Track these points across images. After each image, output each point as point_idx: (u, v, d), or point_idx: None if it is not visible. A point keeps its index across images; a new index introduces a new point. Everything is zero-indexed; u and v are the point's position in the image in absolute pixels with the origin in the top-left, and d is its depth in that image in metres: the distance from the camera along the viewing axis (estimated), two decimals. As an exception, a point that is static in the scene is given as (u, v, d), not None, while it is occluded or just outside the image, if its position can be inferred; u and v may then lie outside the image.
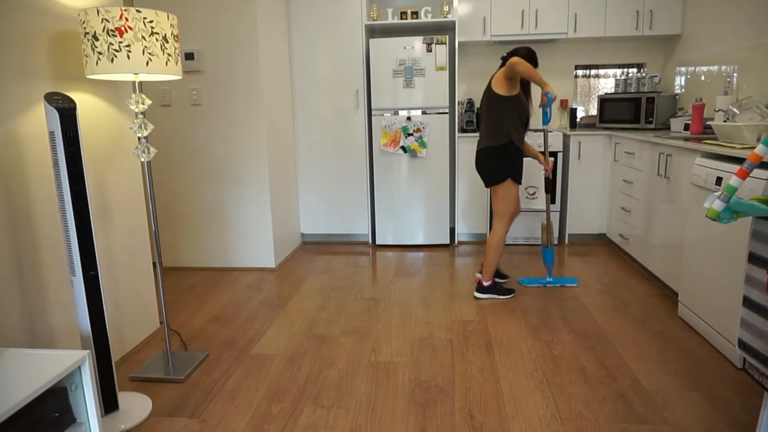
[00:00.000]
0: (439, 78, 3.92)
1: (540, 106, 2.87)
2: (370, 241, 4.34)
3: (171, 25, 1.96)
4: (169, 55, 1.95)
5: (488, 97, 2.88)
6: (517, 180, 2.88)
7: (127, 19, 1.80)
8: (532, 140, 4.01)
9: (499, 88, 2.81)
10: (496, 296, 3.02)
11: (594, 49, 4.42)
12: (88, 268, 1.81)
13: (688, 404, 1.95)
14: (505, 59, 2.89)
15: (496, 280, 3.22)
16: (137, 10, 1.82)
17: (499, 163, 2.84)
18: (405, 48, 3.89)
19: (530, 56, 2.89)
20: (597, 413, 1.91)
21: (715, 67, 3.51)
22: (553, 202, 4.06)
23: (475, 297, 3.06)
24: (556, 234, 4.12)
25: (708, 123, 3.24)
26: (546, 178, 3.15)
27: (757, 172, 1.97)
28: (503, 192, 2.87)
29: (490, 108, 2.86)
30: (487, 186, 2.95)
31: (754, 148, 1.83)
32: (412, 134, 3.99)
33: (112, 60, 1.82)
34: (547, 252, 3.20)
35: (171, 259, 3.79)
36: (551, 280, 3.24)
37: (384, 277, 3.49)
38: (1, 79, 1.75)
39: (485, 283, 3.02)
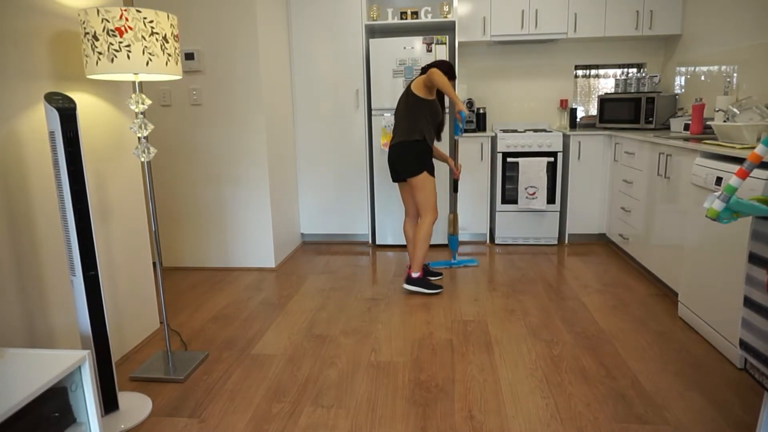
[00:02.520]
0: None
1: (453, 120, 3.15)
2: (370, 241, 4.34)
3: (171, 25, 1.96)
4: (169, 55, 1.95)
5: (407, 98, 3.07)
6: (432, 173, 3.04)
7: (127, 19, 1.80)
8: (532, 140, 4.01)
9: (419, 92, 3.02)
10: (423, 290, 3.12)
11: (594, 49, 4.42)
12: (88, 268, 1.81)
13: (688, 404, 1.95)
14: (424, 69, 3.11)
15: (430, 278, 3.37)
16: (137, 10, 1.82)
17: (416, 156, 3.01)
18: (405, 48, 3.89)
19: (449, 70, 3.08)
20: (597, 413, 1.91)
21: (715, 67, 3.51)
22: (551, 201, 4.06)
23: (404, 289, 3.17)
24: (553, 233, 4.12)
25: (708, 123, 3.24)
26: (454, 180, 3.50)
27: (757, 172, 1.97)
28: (422, 184, 3.02)
29: (408, 108, 3.05)
30: (398, 180, 3.14)
31: (754, 148, 1.83)
32: (412, 134, 3.99)
33: (112, 60, 1.82)
34: (452, 239, 3.59)
35: (171, 259, 3.79)
36: (455, 261, 3.64)
37: (384, 277, 3.49)
38: (1, 79, 1.76)
39: (414, 275, 3.12)
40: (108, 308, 2.34)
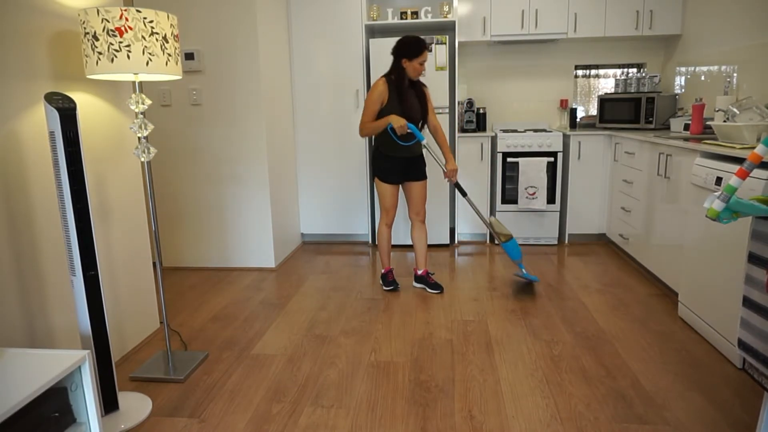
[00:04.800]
0: (439, 78, 3.92)
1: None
2: (370, 241, 4.33)
3: (171, 25, 1.96)
4: (169, 55, 1.95)
5: None
6: (381, 179, 3.07)
7: (127, 19, 1.80)
8: (532, 140, 4.01)
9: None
10: (382, 284, 3.29)
11: (594, 49, 4.42)
12: (88, 268, 1.81)
13: (688, 404, 1.95)
14: (393, 53, 2.96)
15: (431, 291, 3.21)
16: (137, 10, 1.82)
17: (370, 163, 3.19)
18: (405, 48, 3.88)
19: (409, 45, 2.86)
20: (597, 413, 1.91)
21: (715, 67, 3.51)
22: (551, 201, 4.06)
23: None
24: (553, 233, 4.13)
25: (708, 123, 3.24)
26: (454, 184, 3.10)
27: (757, 172, 1.97)
28: (376, 187, 3.14)
29: None
30: None
31: (754, 148, 1.83)
32: (412, 134, 3.98)
33: (112, 60, 1.82)
34: (505, 248, 3.15)
35: (171, 259, 3.79)
36: (520, 273, 3.19)
37: (384, 277, 3.49)
38: (1, 79, 1.76)
39: (382, 270, 3.29)
40: (108, 308, 2.34)
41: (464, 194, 3.13)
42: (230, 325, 2.77)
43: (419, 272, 3.25)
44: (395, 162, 3.04)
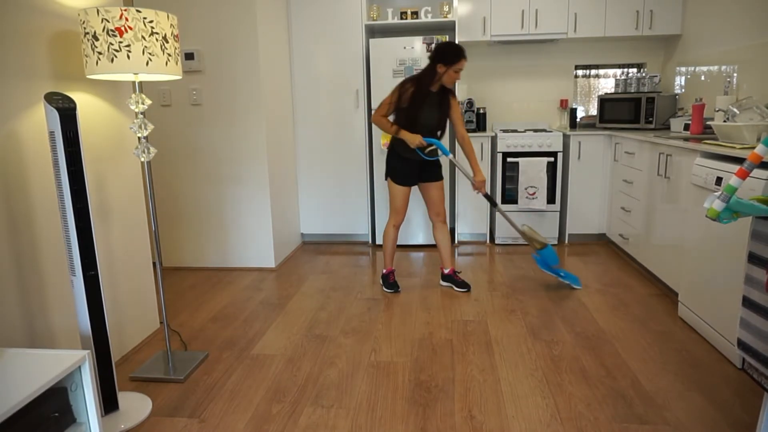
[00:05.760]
0: (439, 78, 3.92)
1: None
2: (370, 241, 4.33)
3: (171, 25, 1.96)
4: (169, 55, 1.95)
5: None
6: (394, 180, 3.09)
7: (127, 19, 1.80)
8: (532, 140, 4.01)
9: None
10: (382, 285, 3.29)
11: (594, 49, 4.42)
12: (88, 268, 1.81)
13: (688, 404, 1.95)
14: (430, 57, 2.94)
15: (458, 289, 3.23)
16: (137, 10, 1.82)
17: (385, 163, 3.16)
18: (405, 48, 3.89)
19: (447, 51, 2.85)
20: (597, 413, 1.91)
21: (715, 67, 3.51)
22: (551, 201, 4.06)
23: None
24: (553, 233, 4.13)
25: (708, 123, 3.24)
26: (484, 195, 3.12)
27: (757, 172, 1.97)
28: (388, 187, 3.15)
29: None
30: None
31: (754, 148, 1.83)
32: (412, 134, 3.98)
33: (112, 60, 1.82)
34: (538, 260, 3.23)
35: (171, 259, 3.79)
36: (559, 274, 3.23)
37: (384, 277, 3.49)
38: (1, 79, 1.76)
39: (383, 271, 3.29)
40: (108, 308, 2.34)
41: (494, 205, 3.16)
42: (230, 325, 2.77)
43: (446, 271, 3.26)
44: (409, 164, 3.05)
